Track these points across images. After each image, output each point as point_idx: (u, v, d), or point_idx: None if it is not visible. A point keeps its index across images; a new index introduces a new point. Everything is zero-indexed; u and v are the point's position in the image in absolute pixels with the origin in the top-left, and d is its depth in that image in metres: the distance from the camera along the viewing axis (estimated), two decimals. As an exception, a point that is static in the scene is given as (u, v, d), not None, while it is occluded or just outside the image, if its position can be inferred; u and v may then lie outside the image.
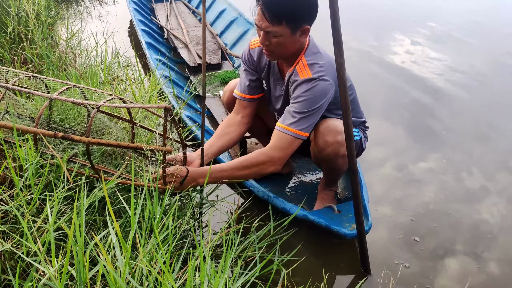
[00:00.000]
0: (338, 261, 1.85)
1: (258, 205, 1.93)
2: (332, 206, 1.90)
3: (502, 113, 3.20)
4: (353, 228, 1.75)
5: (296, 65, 1.77)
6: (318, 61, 1.74)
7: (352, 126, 1.54)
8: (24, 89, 1.49)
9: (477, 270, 1.84)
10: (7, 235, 1.36)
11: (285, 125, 1.72)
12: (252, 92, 2.00)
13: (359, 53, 4.30)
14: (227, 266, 1.23)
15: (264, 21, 1.65)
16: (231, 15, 4.28)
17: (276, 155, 1.72)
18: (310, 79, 1.71)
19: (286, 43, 1.70)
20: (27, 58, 2.96)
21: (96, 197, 1.42)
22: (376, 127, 2.92)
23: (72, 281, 1.20)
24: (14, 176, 1.35)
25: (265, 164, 1.72)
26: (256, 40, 1.95)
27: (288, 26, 1.65)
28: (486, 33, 5.03)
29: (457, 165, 2.57)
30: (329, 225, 1.77)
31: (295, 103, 1.73)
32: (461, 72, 3.92)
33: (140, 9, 4.63)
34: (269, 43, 1.70)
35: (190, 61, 3.60)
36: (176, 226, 1.48)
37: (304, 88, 1.71)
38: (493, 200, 2.28)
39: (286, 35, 1.67)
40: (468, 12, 5.91)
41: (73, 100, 1.48)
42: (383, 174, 2.47)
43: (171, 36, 4.12)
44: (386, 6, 6.01)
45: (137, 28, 3.90)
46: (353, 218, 1.80)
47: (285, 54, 1.76)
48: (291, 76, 1.81)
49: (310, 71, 1.72)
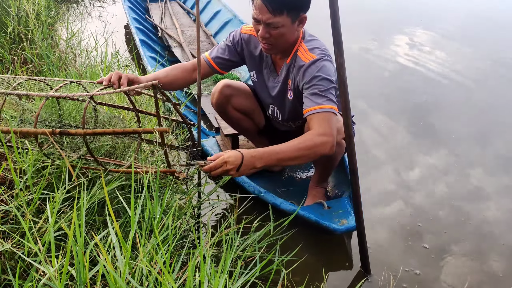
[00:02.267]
0: (338, 261, 1.85)
1: (258, 205, 1.93)
2: (322, 202, 1.92)
3: (502, 113, 3.20)
4: (342, 224, 1.77)
5: (296, 52, 1.81)
6: (318, 46, 1.80)
7: (351, 126, 1.55)
8: (22, 93, 1.49)
9: (479, 269, 1.84)
10: (7, 235, 1.36)
11: (318, 106, 1.68)
12: (221, 67, 2.04)
13: (358, 53, 4.30)
14: (227, 266, 1.23)
15: (265, 13, 1.67)
16: (226, 16, 4.32)
17: (329, 134, 1.66)
18: (316, 60, 1.75)
19: (286, 34, 1.73)
20: (27, 58, 2.96)
21: (96, 197, 1.42)
22: (377, 126, 2.92)
23: (72, 281, 1.20)
24: (14, 177, 1.35)
25: (321, 146, 1.65)
26: (248, 27, 1.98)
27: (289, 15, 1.68)
28: (486, 33, 5.03)
29: (461, 163, 2.57)
30: (318, 220, 1.79)
31: (314, 85, 1.72)
32: (461, 72, 3.92)
33: (135, 8, 4.66)
34: (269, 35, 1.72)
35: (184, 60, 3.64)
36: (176, 226, 1.48)
37: (315, 68, 1.74)
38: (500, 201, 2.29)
39: (287, 25, 1.70)
40: (468, 12, 5.91)
41: (67, 95, 1.48)
42: (381, 175, 2.47)
43: (165, 35, 4.15)
44: (387, 7, 6.02)
45: (131, 26, 3.94)
46: (342, 214, 1.83)
47: (284, 45, 1.79)
48: (292, 65, 1.83)
49: (313, 54, 1.77)
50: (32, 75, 2.85)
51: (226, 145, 2.52)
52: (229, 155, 1.57)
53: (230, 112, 2.14)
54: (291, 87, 1.89)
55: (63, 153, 1.47)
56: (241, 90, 2.13)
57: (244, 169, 1.59)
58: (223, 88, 2.08)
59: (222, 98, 2.09)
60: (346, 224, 1.77)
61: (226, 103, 2.11)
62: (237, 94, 2.10)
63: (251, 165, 1.60)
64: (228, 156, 1.57)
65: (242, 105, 2.12)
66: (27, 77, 1.71)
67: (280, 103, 2.00)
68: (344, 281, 1.76)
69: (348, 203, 1.91)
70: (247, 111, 2.14)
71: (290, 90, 1.90)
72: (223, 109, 2.14)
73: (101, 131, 1.46)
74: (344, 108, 1.52)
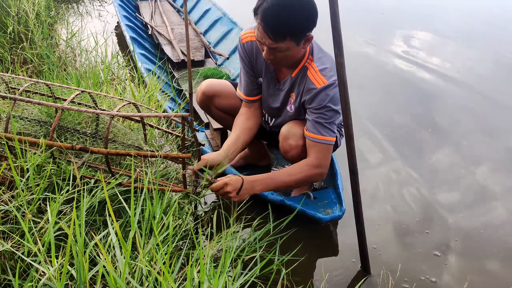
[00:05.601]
0: (338, 261, 1.86)
1: (257, 205, 1.93)
2: (308, 193, 1.99)
3: (502, 114, 3.20)
4: (327, 213, 1.87)
5: (306, 70, 1.80)
6: (327, 64, 1.78)
7: (352, 127, 1.55)
8: (34, 101, 1.47)
9: (478, 268, 1.84)
10: (7, 235, 1.36)
11: (321, 136, 1.79)
12: (255, 94, 2.03)
13: (358, 53, 4.30)
14: (227, 266, 1.23)
15: (267, 39, 1.64)
16: (215, 15, 4.36)
17: (324, 166, 1.83)
18: (327, 86, 1.75)
19: (292, 55, 1.72)
20: (27, 58, 2.96)
21: (97, 198, 1.42)
22: (378, 126, 2.92)
23: (72, 281, 1.20)
24: (16, 176, 1.35)
25: (315, 176, 1.84)
26: (246, 33, 1.93)
27: (292, 39, 1.64)
28: (486, 33, 5.03)
29: (461, 158, 2.57)
30: (304, 210, 1.86)
31: (322, 114, 1.77)
32: (461, 72, 3.92)
33: (125, 5, 4.69)
34: (274, 57, 1.71)
35: (174, 57, 3.66)
36: (176, 226, 1.48)
37: (325, 97, 1.75)
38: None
39: (291, 48, 1.67)
40: (469, 12, 5.91)
41: (86, 110, 1.49)
42: (377, 174, 2.47)
43: (155, 33, 4.16)
44: (386, 6, 6.02)
45: (122, 23, 3.96)
46: (327, 204, 1.95)
47: (290, 63, 1.79)
48: (299, 81, 1.83)
49: (324, 77, 1.76)
50: (32, 75, 2.85)
51: (215, 139, 2.56)
52: (230, 179, 1.71)
53: (213, 112, 2.19)
54: (294, 102, 1.89)
55: (73, 160, 1.46)
56: (224, 90, 2.13)
57: (244, 193, 1.73)
58: (206, 88, 2.11)
59: (205, 98, 2.13)
60: (331, 214, 1.87)
61: (209, 103, 2.15)
62: (219, 94, 2.12)
63: (251, 188, 1.75)
64: (229, 179, 1.71)
65: (224, 105, 2.14)
66: (31, 80, 1.70)
67: (276, 112, 2.00)
68: (344, 281, 1.76)
69: (333, 194, 2.01)
70: (230, 111, 2.14)
71: (292, 104, 1.91)
72: (206, 109, 2.20)
73: (124, 152, 1.46)
74: (344, 108, 1.52)
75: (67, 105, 1.48)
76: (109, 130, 1.43)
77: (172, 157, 1.54)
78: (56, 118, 1.43)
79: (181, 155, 1.53)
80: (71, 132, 1.71)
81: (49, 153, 1.45)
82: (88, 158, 1.56)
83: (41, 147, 1.42)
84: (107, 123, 1.60)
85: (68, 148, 1.42)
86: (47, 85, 1.76)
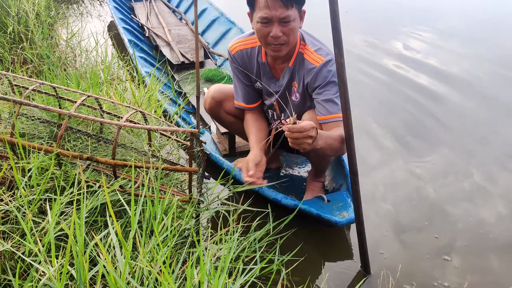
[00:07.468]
0: (338, 261, 1.85)
1: (257, 203, 1.93)
2: (322, 196, 1.95)
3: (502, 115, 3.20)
4: (343, 216, 1.82)
5: (302, 55, 1.85)
6: (321, 45, 1.85)
7: (352, 126, 1.55)
8: (40, 106, 1.48)
9: (479, 268, 1.84)
10: (7, 235, 1.36)
11: (335, 115, 1.79)
12: (255, 100, 2.09)
13: (358, 54, 4.30)
14: (226, 266, 1.23)
15: (278, 8, 1.69)
16: (212, 15, 4.33)
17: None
18: (326, 63, 1.79)
19: (296, 28, 1.77)
20: (27, 58, 2.96)
21: (99, 200, 1.43)
22: (377, 126, 2.92)
23: (72, 281, 1.20)
24: (16, 176, 1.35)
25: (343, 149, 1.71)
26: (234, 44, 1.99)
27: (297, 8, 1.73)
28: (487, 33, 5.03)
29: (457, 163, 2.57)
30: (320, 214, 1.81)
31: (328, 91, 1.79)
32: (461, 72, 3.92)
33: (120, 8, 4.66)
34: (282, 33, 1.75)
35: (173, 59, 3.65)
36: (176, 226, 1.48)
37: (327, 73, 1.79)
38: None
39: (296, 19, 1.74)
40: (469, 12, 5.91)
41: (94, 119, 1.50)
42: (377, 174, 2.47)
43: (152, 34, 4.14)
44: (385, 5, 6.02)
45: (119, 26, 3.93)
46: (342, 207, 1.88)
47: (293, 42, 1.81)
48: (297, 68, 1.86)
49: (320, 56, 1.81)
50: (32, 75, 2.86)
51: (222, 143, 2.55)
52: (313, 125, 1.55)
53: (223, 117, 2.19)
54: (298, 89, 1.91)
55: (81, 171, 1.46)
56: (232, 94, 2.14)
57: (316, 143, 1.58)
58: (214, 93, 2.13)
59: (214, 103, 2.14)
60: (347, 217, 1.81)
61: (218, 108, 2.16)
62: (228, 98, 2.13)
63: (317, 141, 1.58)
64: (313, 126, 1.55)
65: (234, 109, 2.14)
66: (36, 81, 1.70)
67: (282, 106, 2.01)
68: (344, 281, 1.76)
69: (347, 196, 1.95)
70: (240, 115, 2.15)
71: (296, 92, 1.93)
72: (216, 114, 2.20)
73: (131, 164, 1.48)
74: (344, 108, 1.52)
75: (74, 111, 1.49)
76: (117, 141, 1.45)
77: (179, 170, 1.62)
78: (63, 125, 1.45)
79: (188, 168, 1.63)
80: (75, 132, 1.71)
81: (55, 160, 1.46)
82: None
83: (45, 150, 1.43)
84: (113, 127, 1.62)
85: (75, 157, 1.43)
86: (53, 87, 1.76)
